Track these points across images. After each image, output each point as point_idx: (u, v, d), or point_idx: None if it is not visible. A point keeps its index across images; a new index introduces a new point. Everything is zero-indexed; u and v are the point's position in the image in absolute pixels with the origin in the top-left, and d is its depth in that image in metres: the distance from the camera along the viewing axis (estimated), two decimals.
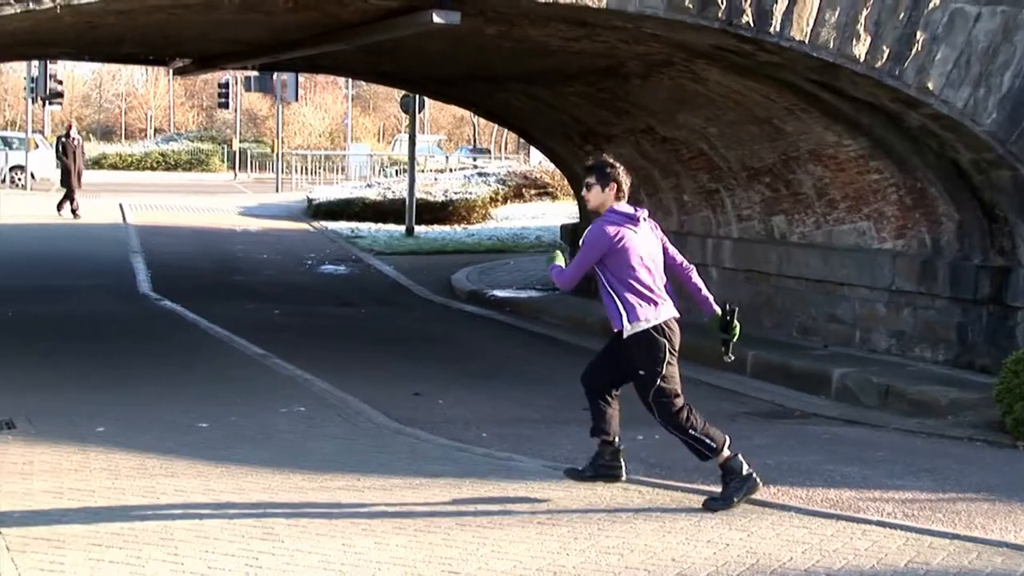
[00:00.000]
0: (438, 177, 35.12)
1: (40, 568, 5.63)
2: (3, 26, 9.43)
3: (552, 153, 19.00)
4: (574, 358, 13.14)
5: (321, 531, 6.34)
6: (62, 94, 40.69)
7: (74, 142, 27.39)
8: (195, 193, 36.18)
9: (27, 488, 7.09)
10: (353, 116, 64.83)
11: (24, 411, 9.13)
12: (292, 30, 12.20)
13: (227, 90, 47.02)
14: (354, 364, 12.14)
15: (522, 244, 24.42)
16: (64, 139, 27.79)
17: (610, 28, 10.85)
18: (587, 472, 7.31)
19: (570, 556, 6.02)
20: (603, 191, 7.13)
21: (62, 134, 28.86)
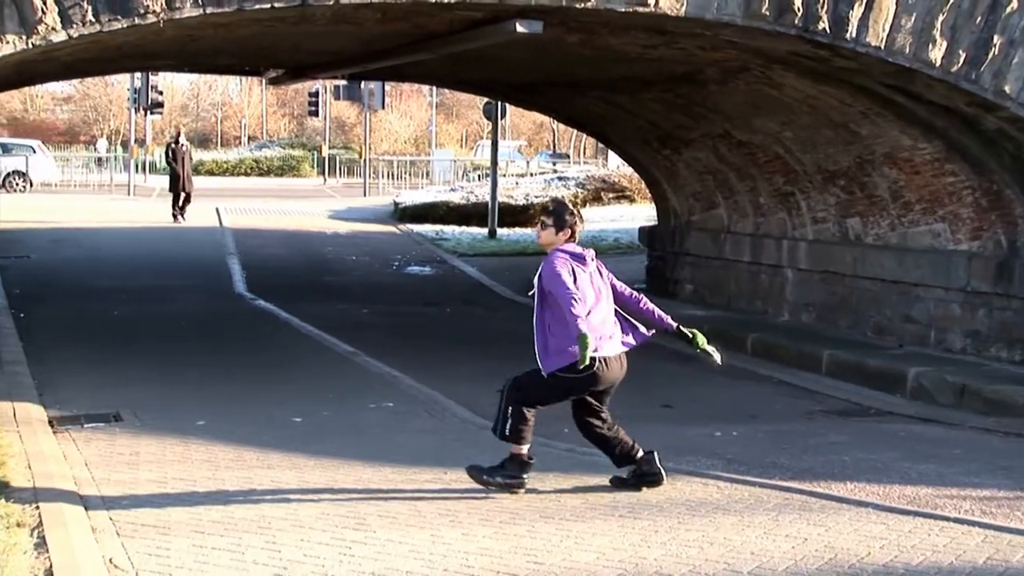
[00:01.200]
0: (519, 181, 35.38)
1: (148, 553, 5.92)
2: (111, 40, 9.93)
3: (630, 157, 19.18)
4: (652, 356, 13.28)
5: (410, 522, 6.55)
6: (162, 104, 41.63)
7: (183, 148, 27.99)
8: (287, 197, 36.80)
9: (134, 477, 7.45)
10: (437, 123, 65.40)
11: (130, 405, 9.56)
12: (380, 41, 12.54)
13: (317, 99, 47.81)
14: (440, 362, 12.40)
15: (601, 246, 24.54)
16: (173, 145, 28.39)
17: (688, 35, 11.03)
18: (630, 481, 7.38)
19: (651, 548, 6.15)
20: (556, 234, 7.32)
21: (171, 140, 29.52)
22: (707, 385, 11.74)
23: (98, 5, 9.11)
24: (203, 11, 9.34)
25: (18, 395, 9.61)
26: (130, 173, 38.08)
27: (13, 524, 6.04)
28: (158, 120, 53.97)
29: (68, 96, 75.20)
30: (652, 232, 18.27)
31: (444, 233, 26.65)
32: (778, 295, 14.91)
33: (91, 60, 13.91)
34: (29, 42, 9.01)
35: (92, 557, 5.80)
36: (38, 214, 28.11)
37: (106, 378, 10.84)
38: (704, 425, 9.69)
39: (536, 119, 69.81)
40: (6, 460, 7.32)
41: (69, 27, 9.08)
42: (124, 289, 17.59)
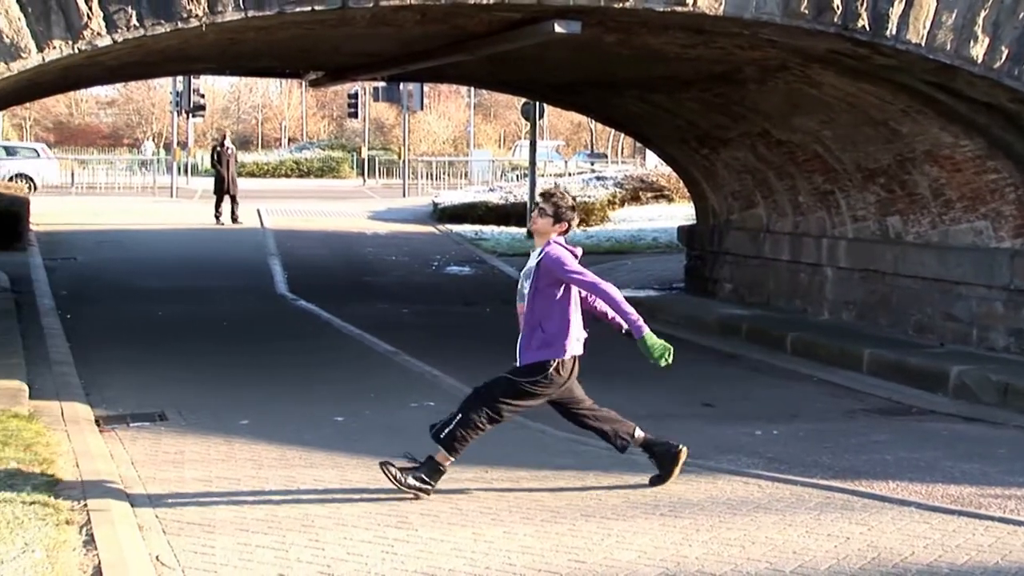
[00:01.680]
0: (557, 181, 35.38)
1: (193, 551, 5.98)
2: (155, 44, 10.05)
3: (668, 157, 19.16)
4: (692, 355, 13.36)
5: (452, 520, 6.59)
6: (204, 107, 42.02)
7: (228, 151, 28.23)
8: (327, 199, 37.01)
9: (179, 476, 7.54)
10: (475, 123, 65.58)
11: (174, 404, 9.66)
12: (420, 42, 12.61)
13: (356, 100, 48.10)
14: (480, 361, 12.37)
15: (639, 245, 24.59)
16: (219, 148, 28.63)
17: (727, 35, 11.03)
18: (665, 471, 7.30)
19: (692, 547, 6.16)
20: (552, 224, 7.16)
21: (217, 143, 29.76)
22: (747, 384, 11.74)
23: (142, 9, 9.23)
24: (244, 14, 9.44)
25: (66, 395, 9.74)
26: (172, 175, 38.46)
27: (62, 521, 6.13)
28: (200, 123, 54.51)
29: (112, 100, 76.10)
30: (691, 231, 18.25)
31: (483, 233, 26.73)
32: (818, 294, 14.86)
33: (134, 64, 14.06)
34: (75, 47, 9.15)
35: (139, 554, 5.87)
36: (83, 216, 28.45)
37: (151, 378, 10.97)
38: (745, 424, 9.69)
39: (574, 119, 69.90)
40: (55, 459, 7.42)
41: (114, 32, 9.21)
42: (168, 290, 17.78)
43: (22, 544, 5.71)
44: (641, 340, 7.00)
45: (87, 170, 42.27)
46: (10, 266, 18.75)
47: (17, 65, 9.07)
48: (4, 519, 6.07)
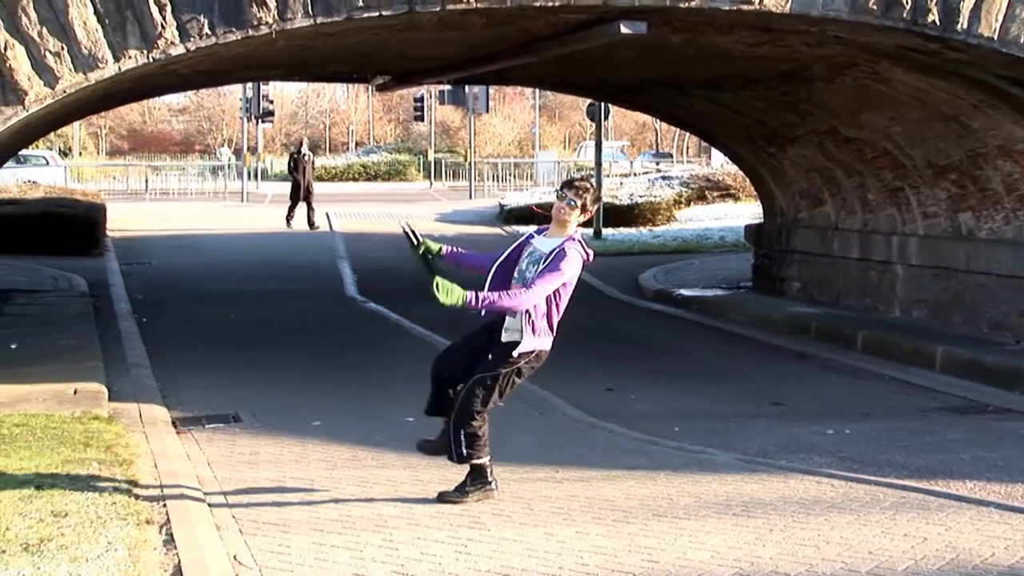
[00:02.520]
0: (623, 181, 35.36)
1: (270, 550, 6.07)
2: (226, 52, 10.21)
3: (735, 155, 19.07)
4: (761, 354, 13.32)
5: (524, 520, 6.61)
6: (273, 112, 42.53)
7: (305, 157, 28.53)
8: (394, 202, 37.26)
9: (254, 476, 7.64)
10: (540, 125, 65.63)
11: (248, 406, 9.79)
12: (485, 45, 12.68)
13: (422, 104, 48.42)
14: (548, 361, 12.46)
15: (706, 244, 24.49)
16: (296, 154, 28.94)
17: (794, 32, 10.96)
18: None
19: (766, 547, 6.13)
20: (580, 215, 6.99)
21: (294, 150, 30.08)
22: (817, 382, 11.66)
23: (214, 18, 9.40)
24: (313, 21, 9.56)
25: (143, 397, 9.91)
26: (243, 180, 38.98)
27: (143, 521, 6.26)
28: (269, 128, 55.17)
29: (183, 107, 77.20)
30: (758, 230, 18.14)
31: None
32: (888, 292, 14.70)
33: (206, 72, 14.29)
34: (150, 56, 9.33)
35: (217, 554, 5.97)
36: (158, 222, 28.93)
37: (225, 380, 11.13)
38: (815, 422, 9.62)
39: (638, 119, 69.71)
40: (134, 459, 7.58)
41: (187, 40, 9.38)
42: (240, 293, 18.02)
43: (105, 543, 5.85)
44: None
45: (160, 176, 42.95)
46: (88, 271, 19.13)
47: (95, 75, 9.27)
48: (88, 518, 6.21)
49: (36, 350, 11.57)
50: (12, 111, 9.20)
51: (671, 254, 22.95)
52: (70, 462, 7.36)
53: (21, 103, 9.18)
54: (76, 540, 5.85)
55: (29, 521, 6.11)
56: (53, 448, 7.70)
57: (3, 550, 5.67)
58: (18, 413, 8.75)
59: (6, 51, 9.08)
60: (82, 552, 5.68)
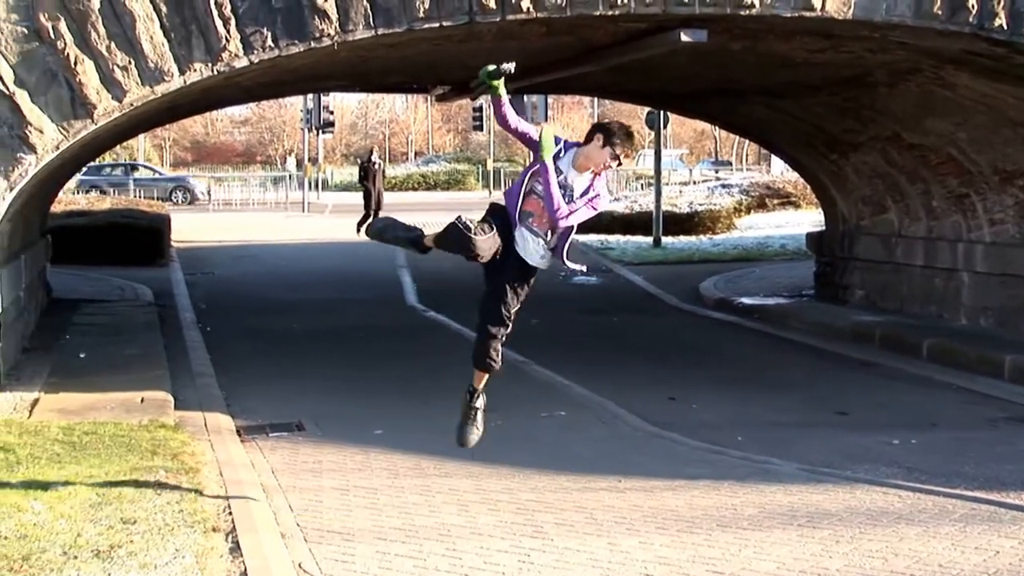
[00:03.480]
0: (682, 190, 35.23)
1: (334, 559, 6.11)
2: (288, 64, 10.32)
3: (795, 162, 18.92)
4: (824, 363, 13.19)
5: (587, 530, 6.61)
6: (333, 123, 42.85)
7: (375, 166, 28.69)
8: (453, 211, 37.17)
9: (318, 485, 7.70)
10: None
11: (311, 414, 9.87)
12: (545, 55, 12.69)
13: (481, 113, 48.50)
14: (609, 370, 12.47)
15: (767, 252, 24.32)
16: (366, 163, 29.10)
17: (856, 38, 10.87)
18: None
19: (833, 559, 6.07)
20: (611, 162, 6.78)
21: (364, 159, 30.25)
22: (882, 391, 11.52)
23: (277, 31, 9.50)
24: (375, 32, 9.64)
25: (208, 405, 10.02)
26: (304, 191, 39.29)
27: (209, 529, 6.33)
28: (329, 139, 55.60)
29: (245, 119, 78.06)
30: (820, 237, 17.99)
31: (609, 242, 26.72)
32: (954, 299, 14.51)
33: (268, 84, 14.44)
34: (214, 69, 9.45)
35: (283, 562, 6.02)
36: (220, 232, 29.24)
37: (288, 389, 11.22)
38: (881, 432, 9.51)
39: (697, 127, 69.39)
40: (200, 467, 7.66)
41: (250, 53, 9.49)
42: (302, 302, 18.15)
43: (173, 550, 5.92)
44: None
45: (222, 187, 43.43)
46: (153, 281, 19.39)
47: (161, 88, 9.41)
48: (156, 525, 6.30)
49: (104, 359, 11.74)
50: (82, 124, 9.36)
51: (731, 262, 22.81)
52: (138, 469, 7.46)
53: (90, 116, 9.34)
54: (145, 547, 5.93)
55: (99, 528, 6.21)
56: (122, 456, 7.81)
57: (75, 556, 5.76)
58: (88, 421, 8.89)
59: (76, 66, 9.25)
60: (151, 559, 5.76)
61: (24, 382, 10.44)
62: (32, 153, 9.29)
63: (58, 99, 9.29)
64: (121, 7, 9.25)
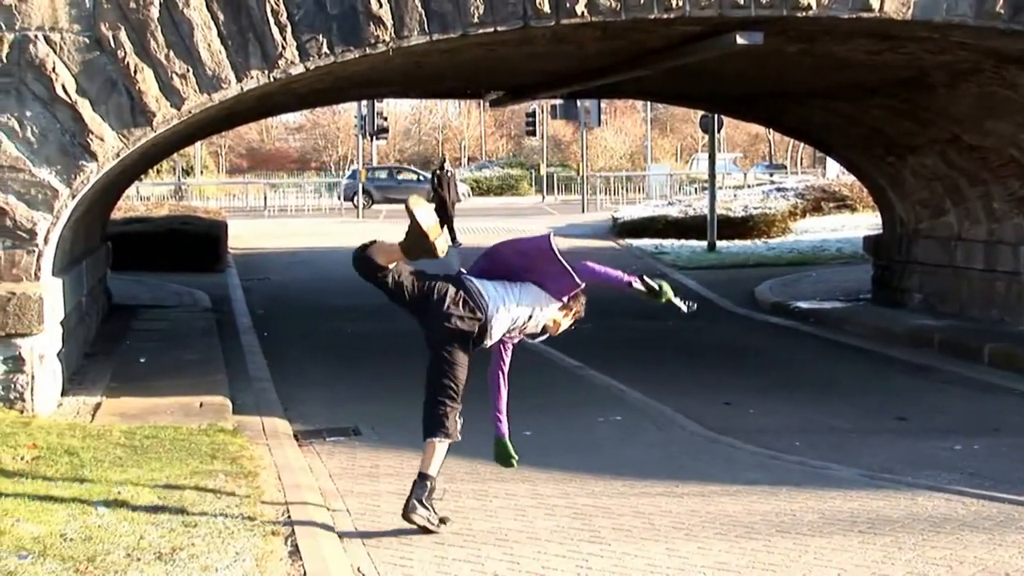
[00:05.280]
0: (737, 193, 35.05)
1: (392, 563, 6.12)
2: (343, 70, 10.40)
3: (852, 165, 18.76)
4: (882, 367, 13.05)
5: (645, 535, 6.58)
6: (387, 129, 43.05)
7: (447, 174, 28.79)
8: (507, 216, 37.44)
9: (375, 489, 7.73)
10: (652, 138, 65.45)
11: (367, 419, 9.90)
12: (599, 59, 12.68)
13: (534, 118, 48.64)
14: (664, 375, 12.42)
15: (823, 256, 24.12)
16: (439, 171, 29.19)
17: (915, 39, 10.76)
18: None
19: (895, 566, 5.99)
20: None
21: (436, 167, 30.36)
22: (942, 396, 11.38)
23: (332, 38, 9.57)
24: (429, 38, 9.69)
25: (266, 410, 10.10)
26: (359, 197, 39.49)
27: (268, 532, 6.37)
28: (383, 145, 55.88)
29: (299, 126, 78.67)
30: (877, 241, 17.81)
31: (663, 247, 26.64)
32: (1016, 303, 14.29)
33: (322, 90, 14.55)
34: (271, 76, 9.54)
35: (341, 566, 6.04)
36: (276, 238, 29.49)
37: (343, 393, 11.28)
38: (942, 438, 9.39)
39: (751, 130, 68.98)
40: (258, 471, 7.72)
41: (306, 60, 9.57)
42: (356, 307, 18.21)
43: (234, 553, 5.97)
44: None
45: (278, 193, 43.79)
46: (210, 287, 19.58)
47: (218, 95, 9.50)
48: (216, 529, 6.35)
49: (164, 364, 11.87)
50: (141, 132, 9.48)
51: (787, 266, 22.65)
52: (198, 473, 7.53)
53: (150, 124, 9.46)
54: (206, 550, 5.99)
55: (161, 530, 6.27)
56: (182, 459, 7.89)
57: (138, 558, 5.83)
58: (148, 425, 8.99)
59: (136, 74, 9.37)
60: (212, 561, 5.81)
61: (86, 386, 10.58)
62: (93, 161, 9.42)
63: (118, 107, 9.42)
64: (179, 16, 9.37)
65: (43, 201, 9.38)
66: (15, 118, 9.31)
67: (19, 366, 9.29)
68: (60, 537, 6.10)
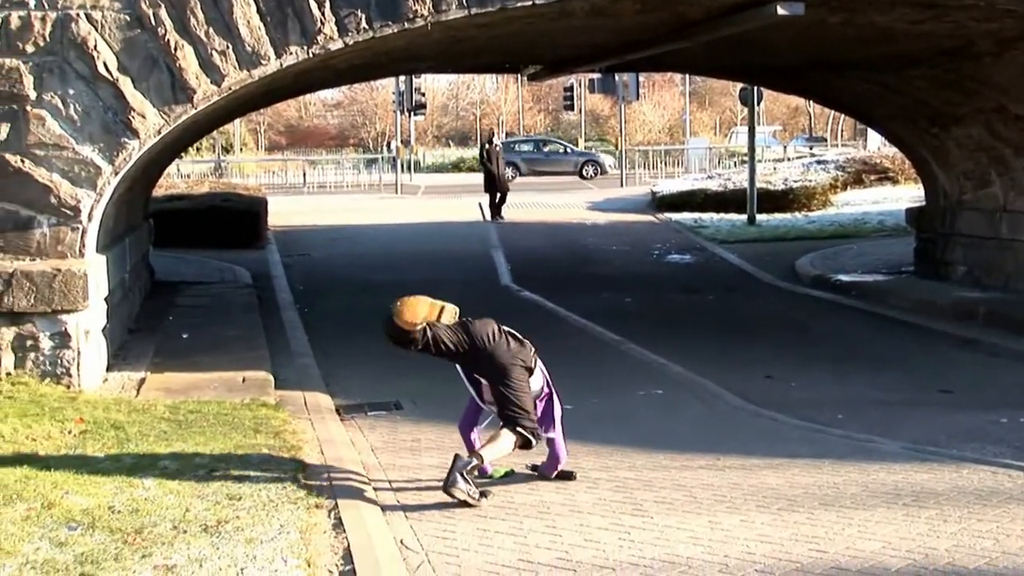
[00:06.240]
0: (777, 166, 34.79)
1: (435, 535, 6.16)
2: (381, 45, 10.39)
3: (894, 137, 18.55)
4: (926, 340, 12.94)
5: (687, 508, 6.58)
6: (425, 105, 42.98)
7: (496, 148, 28.78)
8: (545, 191, 37.34)
9: (417, 463, 7.77)
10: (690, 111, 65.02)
11: (408, 394, 9.94)
12: (637, 32, 12.60)
13: (572, 93, 48.43)
14: (704, 348, 12.37)
15: (864, 229, 23.91)
16: (487, 146, 29.16)
17: (960, 7, 10.61)
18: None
19: (940, 539, 5.96)
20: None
21: (485, 140, 30.35)
22: (987, 369, 11.28)
23: (371, 13, 9.57)
24: (468, 12, 9.66)
25: (308, 385, 10.16)
26: (397, 173, 39.54)
27: (312, 505, 6.42)
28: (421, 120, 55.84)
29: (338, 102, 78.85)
30: (920, 213, 17.63)
31: (703, 221, 26.51)
32: None
33: (361, 66, 14.55)
34: (309, 51, 9.55)
35: (385, 538, 6.09)
36: (316, 214, 29.57)
37: (384, 368, 11.26)
38: (987, 411, 9.30)
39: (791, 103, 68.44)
40: (301, 445, 7.78)
41: (345, 35, 9.57)
42: (396, 283, 18.25)
43: (278, 525, 6.02)
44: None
45: (317, 170, 43.90)
46: (251, 263, 19.69)
47: (258, 72, 9.53)
48: (260, 501, 6.41)
49: (206, 340, 11.97)
50: (182, 109, 9.52)
51: (827, 239, 22.49)
52: (242, 447, 7.60)
53: (190, 101, 9.50)
54: (251, 522, 6.04)
55: (207, 503, 6.34)
56: (226, 434, 7.96)
57: (185, 530, 5.90)
58: (192, 400, 9.08)
59: (176, 51, 9.42)
60: (257, 534, 5.87)
61: (131, 362, 10.69)
62: (135, 138, 9.48)
63: (159, 84, 9.47)
64: None
65: (86, 178, 9.46)
66: (58, 96, 9.38)
67: (65, 342, 9.40)
68: (108, 509, 6.18)
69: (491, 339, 7.01)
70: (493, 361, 6.98)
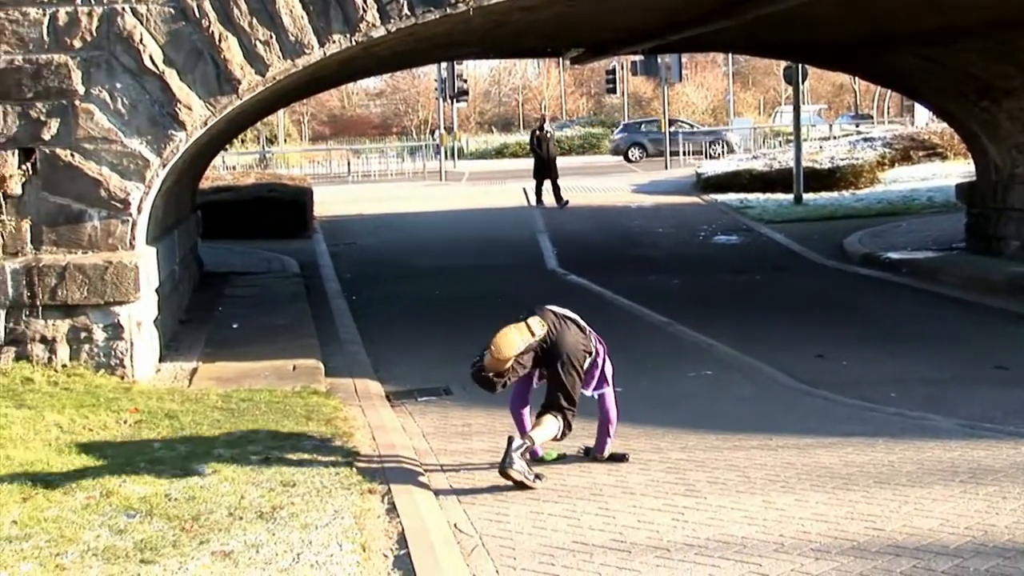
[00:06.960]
0: (822, 145, 34.47)
1: (488, 519, 6.18)
2: (424, 32, 10.38)
3: (943, 112, 18.32)
4: (979, 316, 12.77)
5: (740, 488, 6.54)
6: (467, 92, 42.92)
7: (547, 135, 28.76)
8: (589, 175, 37.27)
9: (468, 447, 7.78)
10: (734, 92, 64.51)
11: (457, 379, 9.81)
12: (681, 11, 12.51)
13: (614, 76, 48.17)
14: (753, 329, 12.29)
15: (913, 206, 23.65)
16: (538, 132, 29.13)
17: None
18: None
19: (1000, 516, 5.90)
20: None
21: (536, 127, 30.35)
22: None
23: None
24: None
25: (357, 372, 10.21)
26: (441, 160, 39.59)
27: (365, 491, 6.45)
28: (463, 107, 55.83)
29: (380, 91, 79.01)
30: (971, 188, 17.40)
31: (748, 201, 26.33)
32: None
33: (403, 53, 14.55)
34: (352, 39, 9.57)
35: (438, 522, 6.12)
36: (361, 203, 29.69)
37: (432, 354, 11.34)
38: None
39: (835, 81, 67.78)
40: (353, 432, 7.81)
41: (387, 22, 9.58)
42: (442, 269, 18.33)
43: (332, 511, 6.06)
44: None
45: (361, 159, 44.03)
46: (298, 252, 19.80)
47: (302, 61, 9.56)
48: (314, 488, 6.45)
49: (256, 329, 12.05)
50: (227, 100, 9.57)
51: (876, 217, 22.27)
52: (294, 434, 7.64)
53: (235, 92, 9.55)
54: (305, 508, 6.08)
55: (261, 490, 6.39)
56: (278, 421, 8.02)
57: (240, 517, 5.94)
58: (244, 389, 9.15)
59: (220, 43, 9.46)
60: (311, 520, 5.91)
61: (183, 352, 10.78)
62: (182, 130, 9.55)
63: (204, 76, 9.53)
64: None
65: (135, 171, 9.54)
66: (106, 90, 9.46)
67: (118, 333, 9.50)
68: (165, 497, 6.25)
69: (555, 330, 7.00)
70: (558, 350, 6.97)
